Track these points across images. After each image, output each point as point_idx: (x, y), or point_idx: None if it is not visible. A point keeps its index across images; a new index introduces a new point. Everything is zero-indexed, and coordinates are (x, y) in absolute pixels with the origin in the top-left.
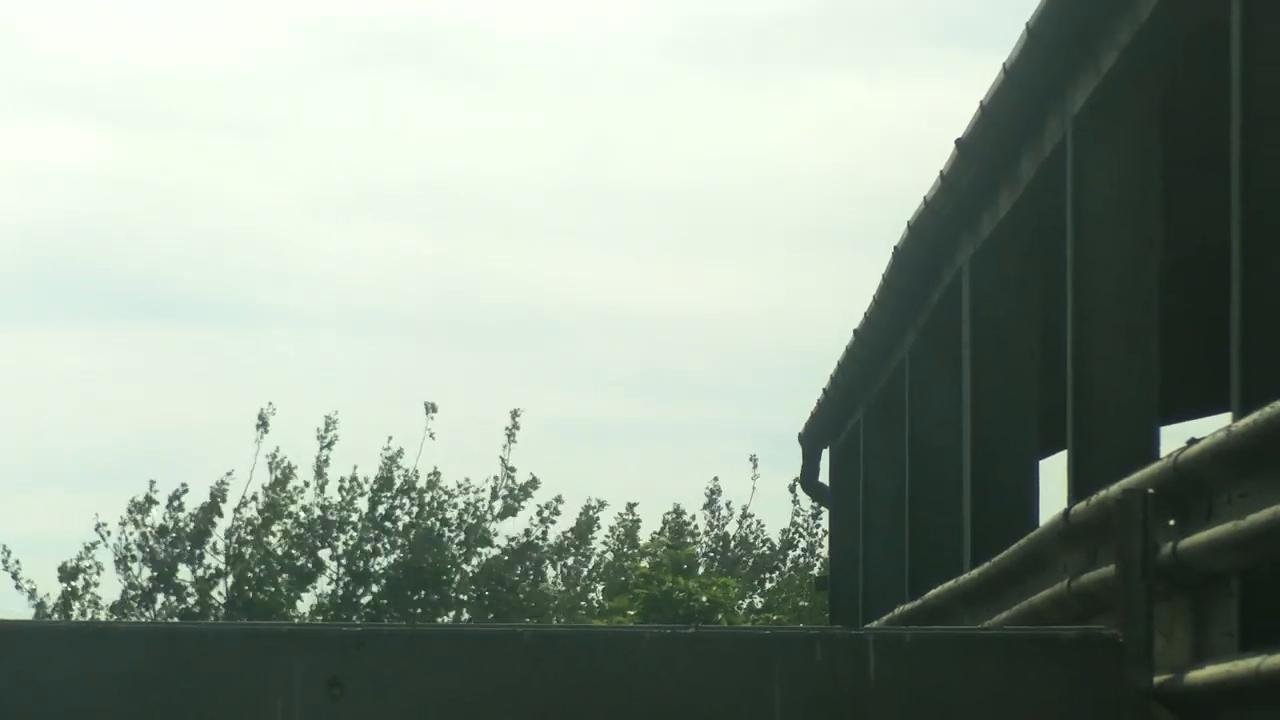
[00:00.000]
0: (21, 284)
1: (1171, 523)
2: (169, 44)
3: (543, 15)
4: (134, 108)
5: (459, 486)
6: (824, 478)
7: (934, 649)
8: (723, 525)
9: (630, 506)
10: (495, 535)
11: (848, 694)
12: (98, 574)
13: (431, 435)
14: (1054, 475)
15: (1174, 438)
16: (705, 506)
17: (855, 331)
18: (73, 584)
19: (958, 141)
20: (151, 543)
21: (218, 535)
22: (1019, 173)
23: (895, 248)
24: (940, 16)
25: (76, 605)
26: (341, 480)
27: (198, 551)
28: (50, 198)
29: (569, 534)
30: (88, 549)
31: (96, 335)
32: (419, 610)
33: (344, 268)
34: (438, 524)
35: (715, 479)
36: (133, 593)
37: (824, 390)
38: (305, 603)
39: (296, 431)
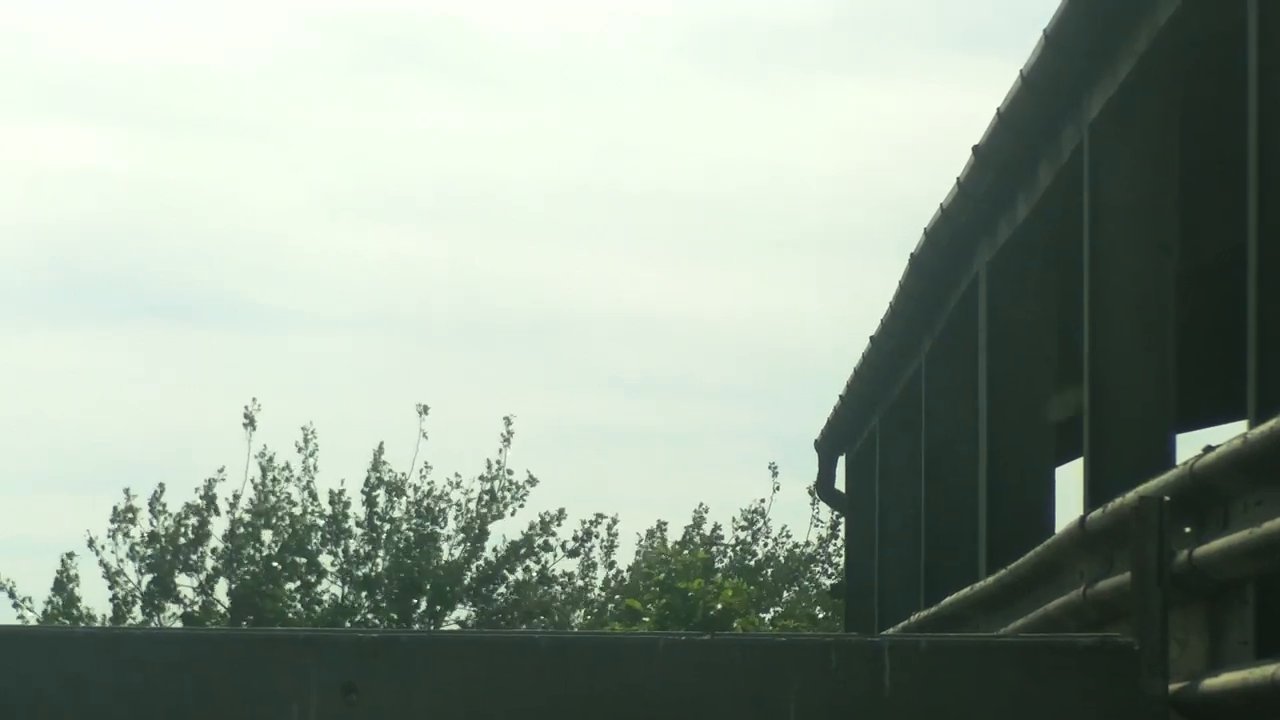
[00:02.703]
0: (28, 286)
1: (1188, 530)
2: (175, 45)
3: (553, 19)
4: (139, 109)
5: (449, 483)
6: (840, 485)
7: (949, 656)
8: (755, 541)
9: (661, 525)
10: (489, 535)
11: (863, 701)
12: (78, 587)
13: (425, 434)
14: (1070, 482)
15: (1190, 445)
16: (743, 527)
17: (871, 339)
18: (61, 595)
19: (975, 149)
20: (144, 550)
21: (215, 538)
22: (1036, 179)
23: (912, 255)
24: (956, 23)
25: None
26: (331, 492)
27: (193, 557)
28: (55, 199)
29: (577, 539)
30: (68, 557)
31: (102, 337)
32: (428, 621)
33: (354, 271)
34: (428, 525)
35: (761, 500)
36: (125, 599)
37: (840, 397)
38: (304, 604)
39: (298, 434)
